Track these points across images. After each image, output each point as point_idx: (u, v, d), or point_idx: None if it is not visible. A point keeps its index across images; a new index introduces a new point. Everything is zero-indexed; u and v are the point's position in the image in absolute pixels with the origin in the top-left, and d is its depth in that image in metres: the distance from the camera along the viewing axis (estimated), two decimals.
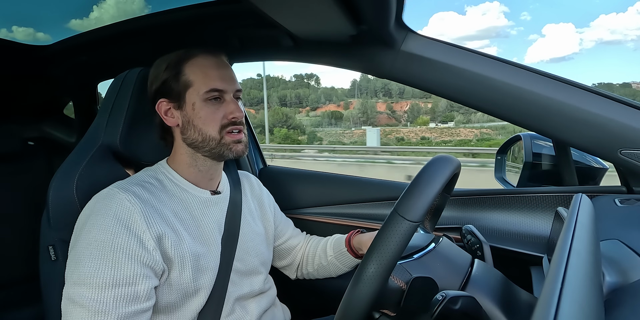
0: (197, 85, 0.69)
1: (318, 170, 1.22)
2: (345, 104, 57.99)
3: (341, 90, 63.96)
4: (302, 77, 68.21)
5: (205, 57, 0.71)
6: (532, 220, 0.84)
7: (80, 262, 0.57)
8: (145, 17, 1.03)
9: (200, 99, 0.69)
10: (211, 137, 0.69)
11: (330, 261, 0.89)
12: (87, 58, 1.25)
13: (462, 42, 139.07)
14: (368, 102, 59.64)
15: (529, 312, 0.49)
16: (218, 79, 0.69)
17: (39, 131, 1.52)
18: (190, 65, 0.70)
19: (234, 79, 0.72)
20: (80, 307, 0.55)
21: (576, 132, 0.72)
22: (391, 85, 59.80)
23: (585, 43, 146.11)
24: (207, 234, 0.70)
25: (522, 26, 48.90)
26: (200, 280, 0.66)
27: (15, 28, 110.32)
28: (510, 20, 49.05)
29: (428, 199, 0.48)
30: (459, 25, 54.96)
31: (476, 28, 46.71)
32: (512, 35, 46.98)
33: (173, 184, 0.71)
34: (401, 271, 0.56)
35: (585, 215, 0.41)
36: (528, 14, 49.26)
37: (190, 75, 0.69)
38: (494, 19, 45.84)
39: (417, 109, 59.26)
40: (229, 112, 0.69)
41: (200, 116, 0.69)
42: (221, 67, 0.71)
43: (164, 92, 0.71)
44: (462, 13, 54.09)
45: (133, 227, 0.60)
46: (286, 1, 0.62)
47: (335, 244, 0.89)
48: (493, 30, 44.74)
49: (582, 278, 0.28)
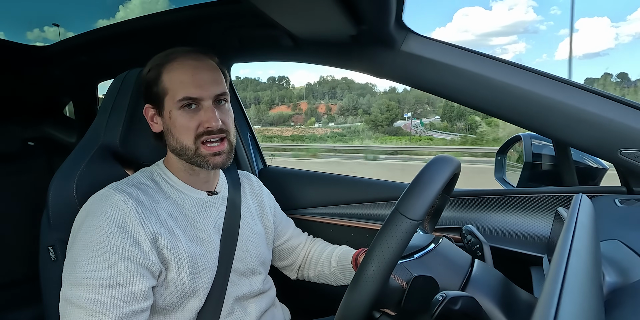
0: (172, 92, 0.66)
1: (318, 171, 1.22)
2: (293, 106, 58.89)
3: (297, 92, 65.38)
4: (274, 79, 69.87)
5: (182, 62, 0.67)
6: (532, 221, 0.84)
7: (77, 263, 0.57)
8: (146, 17, 1.03)
9: (175, 107, 0.66)
10: (187, 147, 0.67)
11: (333, 272, 0.89)
12: (87, 58, 1.25)
13: (487, 38, 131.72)
14: (314, 104, 60.90)
15: (529, 312, 0.49)
16: (192, 86, 0.66)
17: (39, 131, 1.52)
18: (167, 71, 0.67)
19: (215, 82, 0.68)
20: (78, 308, 0.55)
21: (576, 132, 0.72)
22: (337, 89, 61.31)
23: (621, 38, 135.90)
24: (203, 235, 0.70)
25: (552, 21, 48.35)
26: (198, 281, 0.66)
27: (47, 28, 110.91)
28: (539, 15, 48.66)
29: (429, 197, 0.48)
30: (484, 21, 55.14)
31: (502, 23, 46.82)
32: (542, 30, 46.61)
33: (169, 185, 0.71)
34: (402, 270, 0.56)
35: (585, 216, 0.41)
36: (558, 8, 48.72)
37: (166, 81, 0.67)
38: (521, 13, 45.80)
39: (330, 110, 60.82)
40: (204, 120, 0.66)
41: (175, 125, 0.67)
42: (198, 72, 0.67)
43: (147, 97, 0.70)
44: (487, 8, 53.88)
45: (129, 228, 0.60)
46: (286, 1, 0.62)
47: (341, 257, 0.88)
48: (521, 26, 44.66)
49: (582, 278, 0.28)
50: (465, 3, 55.34)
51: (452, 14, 57.91)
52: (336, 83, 65.29)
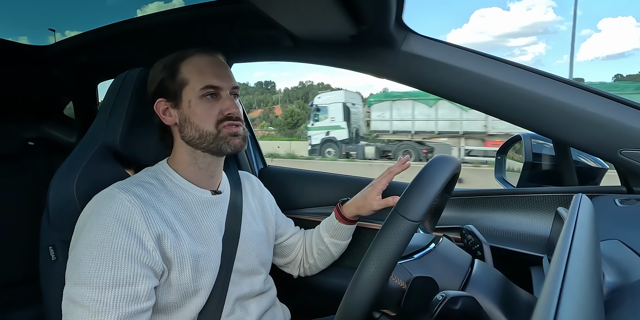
0: (193, 82, 0.70)
1: (318, 171, 1.22)
2: (268, 109, 59.65)
3: (276, 97, 66.32)
4: (262, 83, 71.10)
5: (200, 56, 0.72)
6: (532, 220, 0.84)
7: (81, 262, 0.57)
8: (146, 17, 1.03)
9: (196, 96, 0.69)
10: (208, 132, 0.69)
11: (328, 242, 0.91)
12: (87, 58, 1.25)
13: (505, 39, 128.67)
14: (287, 107, 62.05)
15: (529, 312, 0.49)
16: (213, 76, 0.70)
17: (39, 131, 1.52)
18: (185, 64, 0.71)
19: (230, 76, 0.73)
20: (81, 307, 0.55)
21: (576, 132, 0.72)
22: (310, 94, 62.18)
23: None
24: (207, 234, 0.70)
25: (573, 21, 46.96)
26: (200, 280, 0.66)
27: (68, 32, 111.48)
28: (558, 15, 47.10)
29: (429, 198, 0.48)
30: (502, 22, 54.04)
31: (520, 24, 45.71)
32: (562, 30, 45.19)
33: (173, 184, 0.71)
34: (401, 271, 0.56)
35: (585, 215, 0.41)
36: (579, 8, 47.78)
37: (186, 73, 0.70)
38: (540, 14, 44.60)
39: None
40: (225, 108, 0.70)
41: (196, 113, 0.69)
42: (216, 65, 0.72)
43: (161, 92, 0.72)
44: (505, 9, 52.80)
45: (133, 227, 0.60)
46: (286, 1, 0.62)
47: (327, 224, 0.93)
48: (540, 26, 43.47)
49: (582, 278, 0.28)
50: (482, 4, 54.67)
51: (469, 15, 57.16)
52: (311, 88, 65.54)
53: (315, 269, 0.96)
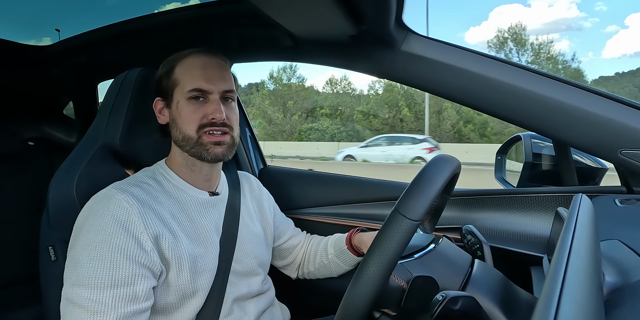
0: (182, 84, 0.69)
1: (318, 171, 1.22)
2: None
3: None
4: (251, 85, 72.90)
5: (195, 57, 0.71)
6: (532, 220, 0.84)
7: (79, 263, 0.57)
8: (146, 17, 1.03)
9: (183, 98, 0.69)
10: (189, 137, 0.68)
11: (331, 259, 0.89)
12: (87, 58, 1.24)
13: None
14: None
15: (529, 312, 0.49)
16: (202, 79, 0.69)
17: (39, 131, 1.51)
18: (180, 65, 0.71)
19: (224, 79, 0.71)
20: (79, 308, 0.55)
21: (576, 132, 0.72)
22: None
23: None
24: (204, 235, 0.70)
25: (597, 17, 45.28)
26: (198, 281, 0.66)
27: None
28: (582, 11, 45.59)
29: (429, 197, 0.48)
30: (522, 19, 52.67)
31: (542, 21, 44.29)
32: (586, 27, 43.67)
33: (171, 184, 0.71)
34: (402, 270, 0.56)
35: (585, 215, 0.41)
36: (603, 4, 46.09)
37: (178, 74, 0.71)
38: (563, 10, 43.34)
39: None
40: (209, 112, 0.68)
41: (181, 115, 0.69)
42: (209, 67, 0.71)
43: (158, 90, 0.73)
44: (526, 5, 51.69)
45: (131, 228, 0.60)
46: (286, 1, 0.62)
47: (336, 242, 0.89)
48: (562, 23, 42.17)
49: (582, 278, 0.28)
50: (502, 1, 53.24)
51: (488, 12, 56.05)
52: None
53: (314, 276, 0.96)
